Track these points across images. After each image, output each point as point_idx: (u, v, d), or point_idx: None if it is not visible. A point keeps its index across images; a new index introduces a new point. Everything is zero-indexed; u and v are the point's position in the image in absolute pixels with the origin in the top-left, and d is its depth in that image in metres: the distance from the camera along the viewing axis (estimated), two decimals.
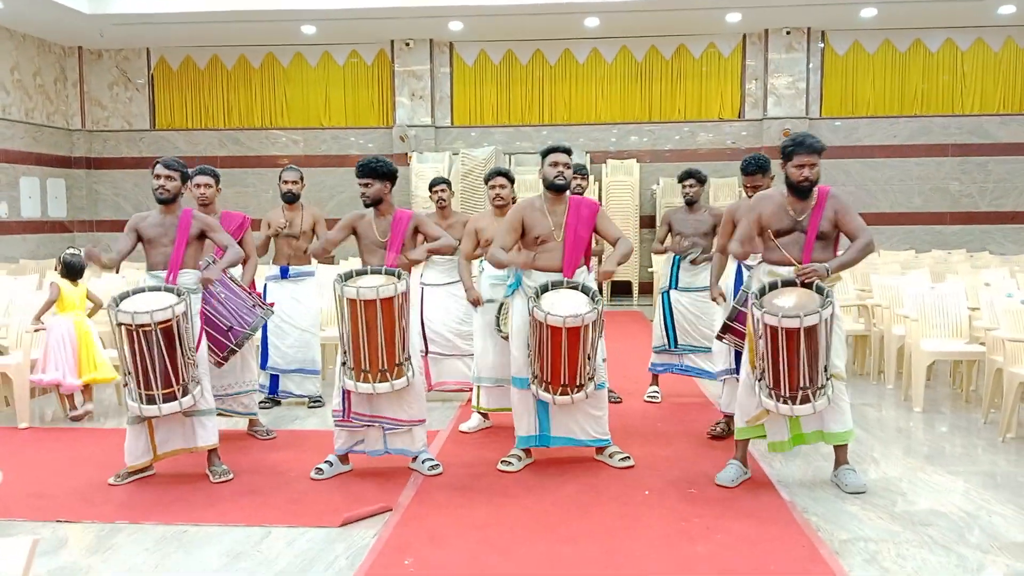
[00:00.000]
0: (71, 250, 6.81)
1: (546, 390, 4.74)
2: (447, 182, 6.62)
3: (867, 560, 3.65)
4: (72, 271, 6.54)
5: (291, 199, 6.59)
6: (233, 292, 5.41)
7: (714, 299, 5.47)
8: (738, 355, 5.29)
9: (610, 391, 6.35)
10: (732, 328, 4.96)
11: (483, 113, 15.52)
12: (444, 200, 6.56)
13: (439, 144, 15.23)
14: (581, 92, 15.42)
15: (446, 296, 6.51)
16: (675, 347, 6.50)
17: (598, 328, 4.73)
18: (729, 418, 5.57)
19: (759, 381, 4.45)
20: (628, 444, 5.29)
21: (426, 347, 6.47)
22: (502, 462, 4.98)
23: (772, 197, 4.66)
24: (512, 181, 6.02)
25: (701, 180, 6.47)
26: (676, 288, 6.47)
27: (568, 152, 4.98)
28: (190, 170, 5.27)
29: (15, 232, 14.11)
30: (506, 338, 5.52)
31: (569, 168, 4.94)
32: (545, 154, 4.96)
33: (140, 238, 4.96)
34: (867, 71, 15.05)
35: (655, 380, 6.80)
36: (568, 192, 5.00)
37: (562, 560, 3.68)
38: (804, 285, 4.41)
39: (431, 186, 6.62)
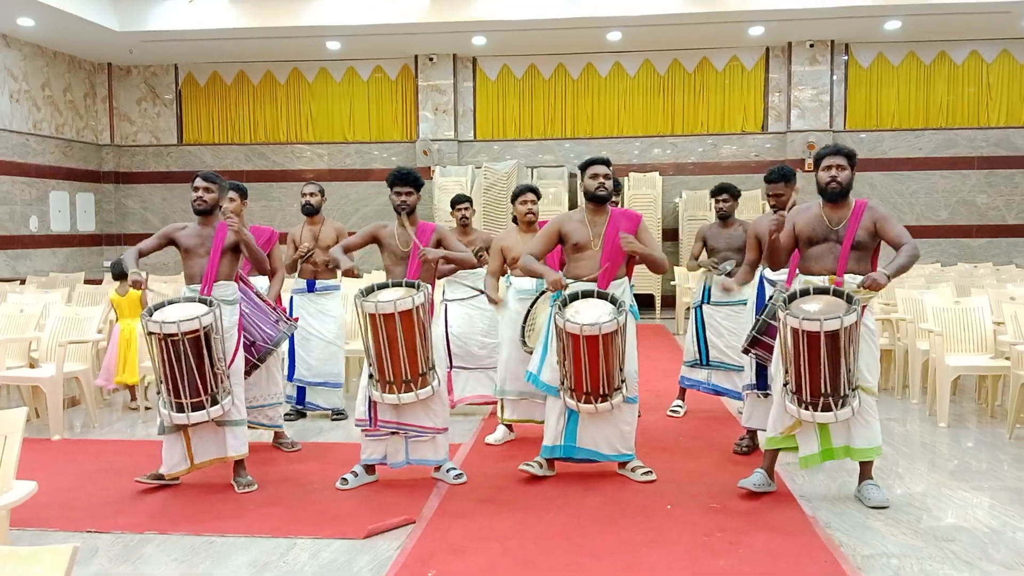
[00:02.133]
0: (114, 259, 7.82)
1: (571, 396, 4.78)
2: (469, 200, 6.70)
3: None
4: (116, 275, 7.35)
5: (310, 211, 6.68)
6: (257, 307, 5.49)
7: (728, 274, 5.49)
8: (760, 370, 5.30)
9: None
10: (761, 342, 4.95)
11: (506, 127, 15.61)
12: (467, 218, 6.64)
13: (462, 158, 15.32)
14: (603, 106, 15.47)
15: (470, 309, 6.56)
16: (707, 363, 6.46)
17: (622, 338, 4.74)
18: (752, 434, 5.57)
19: (785, 387, 4.47)
20: (650, 458, 5.30)
21: (451, 361, 6.52)
22: (525, 464, 5.04)
23: (809, 208, 4.72)
24: (539, 196, 6.05)
25: (735, 195, 6.46)
26: (708, 303, 6.44)
27: (608, 164, 5.06)
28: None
29: (45, 246, 14.34)
30: (530, 352, 5.56)
31: (609, 179, 5.01)
32: (585, 167, 5.06)
33: (175, 245, 5.08)
34: (892, 83, 14.99)
35: (682, 394, 6.79)
36: (609, 204, 5.05)
37: (585, 573, 3.71)
38: (835, 294, 4.42)
39: (453, 204, 6.70)
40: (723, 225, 6.49)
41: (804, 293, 4.47)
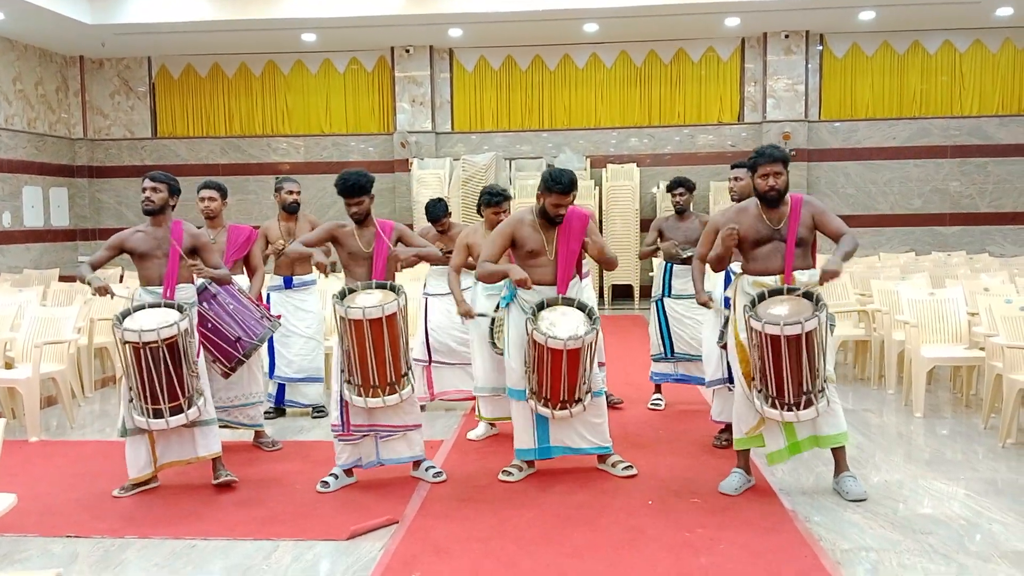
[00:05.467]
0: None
1: (544, 405, 4.78)
2: (446, 208, 6.70)
3: (869, 570, 3.70)
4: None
5: (294, 209, 6.64)
6: (241, 303, 5.46)
7: (703, 304, 5.41)
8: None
9: (609, 394, 6.40)
10: None
11: (483, 118, 15.57)
12: (444, 225, 6.70)
13: (440, 150, 15.28)
14: (581, 97, 15.47)
15: (449, 304, 6.53)
16: (672, 355, 6.54)
17: (596, 344, 4.78)
18: (729, 428, 5.61)
19: (758, 393, 4.50)
20: (630, 452, 5.33)
21: (430, 356, 6.52)
22: (503, 472, 5.03)
23: (748, 209, 4.71)
24: (509, 199, 5.96)
25: (690, 188, 6.51)
26: (669, 296, 6.51)
27: (570, 192, 4.79)
28: (200, 183, 5.35)
29: (19, 242, 14.16)
30: (500, 353, 5.57)
31: (566, 207, 4.84)
32: (549, 189, 4.76)
33: (127, 253, 5.01)
34: (866, 73, 15.08)
35: (658, 388, 6.85)
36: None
37: (568, 572, 3.73)
38: (795, 293, 4.46)
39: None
40: (680, 218, 6.53)
41: (774, 293, 4.50)
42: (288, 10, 13.32)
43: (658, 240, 6.56)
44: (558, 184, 4.74)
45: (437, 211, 6.65)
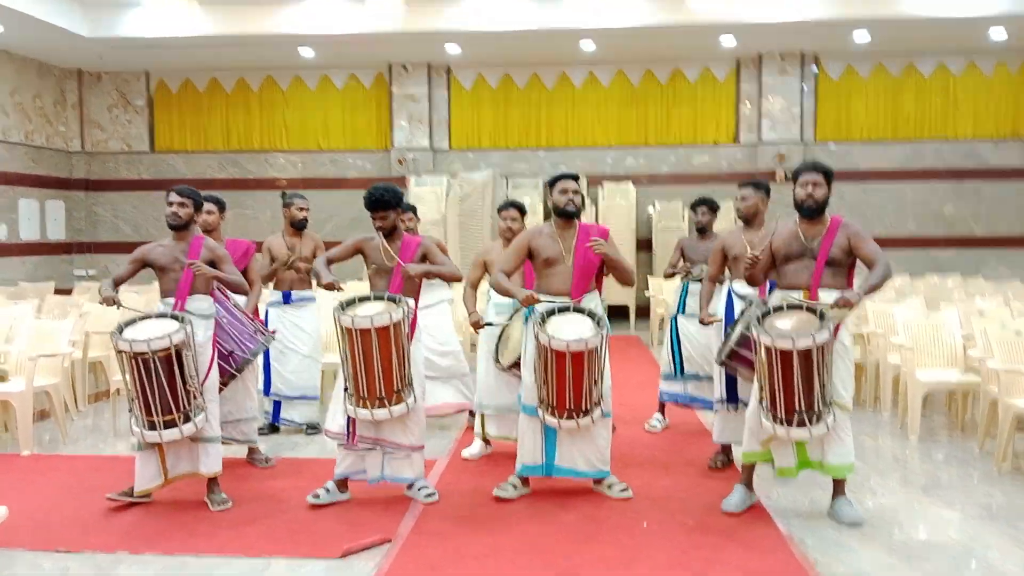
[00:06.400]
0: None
1: (552, 414, 4.77)
2: (412, 208, 6.57)
3: None
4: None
5: (303, 226, 6.65)
6: (235, 318, 5.45)
7: (703, 322, 5.47)
8: (730, 382, 5.34)
9: None
10: (738, 355, 4.95)
11: (481, 136, 15.62)
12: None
13: (437, 167, 15.31)
14: (578, 116, 15.52)
15: (428, 318, 6.42)
16: (681, 375, 6.49)
17: (603, 353, 4.77)
18: (727, 449, 5.61)
19: (761, 403, 4.51)
20: (627, 474, 5.30)
21: None
22: (498, 488, 5.01)
23: (787, 225, 4.75)
24: (524, 214, 5.99)
25: (714, 208, 6.55)
26: (683, 314, 6.48)
27: (576, 179, 5.08)
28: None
29: (14, 254, 14.13)
30: (503, 370, 5.56)
31: (578, 194, 5.03)
32: (553, 182, 5.07)
33: (150, 266, 5.04)
34: (861, 95, 15.17)
35: (662, 408, 6.79)
36: (578, 219, 5.07)
37: None
38: (809, 310, 4.46)
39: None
40: (701, 237, 6.55)
41: (778, 309, 4.51)
42: (286, 26, 13.36)
43: (680, 258, 6.58)
44: (561, 175, 5.05)
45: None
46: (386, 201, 4.99)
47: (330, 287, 4.93)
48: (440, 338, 6.50)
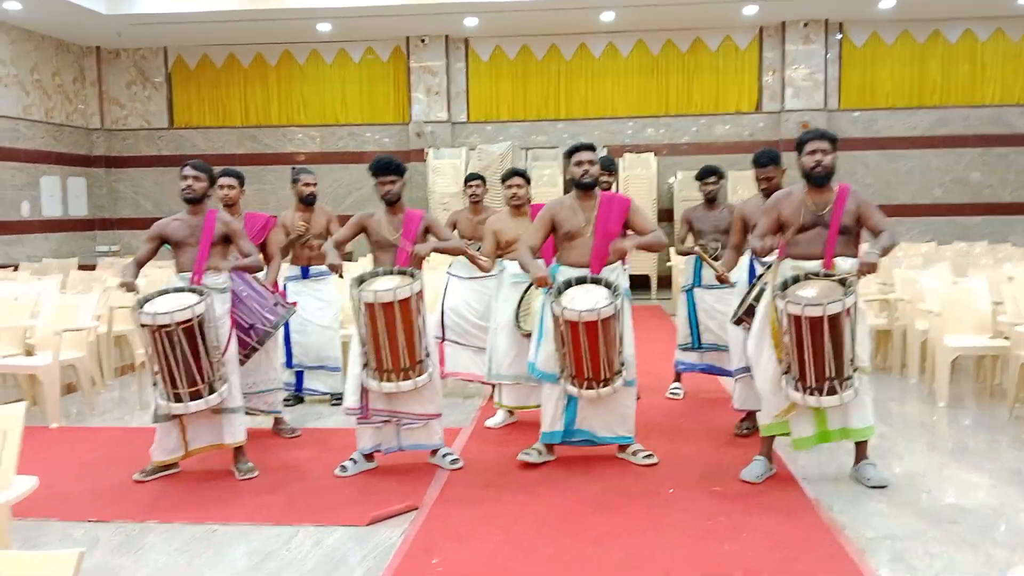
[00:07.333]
0: None
1: (572, 383, 4.76)
2: (481, 177, 6.78)
3: (894, 558, 3.65)
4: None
5: (311, 201, 6.63)
6: (256, 291, 5.46)
7: (718, 278, 5.39)
8: None
9: None
10: (755, 310, 4.89)
11: (499, 108, 15.53)
12: (477, 196, 6.72)
13: (455, 140, 15.24)
14: (597, 86, 15.39)
15: (469, 291, 6.52)
16: (699, 346, 6.47)
17: (619, 321, 4.72)
18: (752, 415, 5.57)
19: (785, 375, 4.46)
20: (651, 441, 5.29)
21: (443, 334, 6.48)
22: (523, 453, 5.02)
23: (792, 194, 4.67)
24: (528, 181, 5.97)
25: (721, 177, 6.45)
26: (700, 286, 6.43)
27: (592, 149, 4.99)
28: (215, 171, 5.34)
29: (37, 231, 14.24)
30: (526, 336, 5.54)
31: (594, 164, 4.94)
32: (569, 154, 5.00)
33: (167, 242, 5.04)
34: (886, 62, 14.94)
35: (678, 377, 6.80)
36: (598, 189, 5.01)
37: (588, 560, 3.70)
38: (826, 276, 4.41)
39: (466, 181, 6.81)
40: (709, 207, 6.46)
41: (796, 280, 4.46)
42: (303, 0, 13.29)
43: (689, 232, 6.51)
44: (578, 145, 4.98)
45: (472, 174, 6.91)
46: (397, 165, 5.01)
47: (333, 269, 4.93)
48: (480, 310, 6.47)
